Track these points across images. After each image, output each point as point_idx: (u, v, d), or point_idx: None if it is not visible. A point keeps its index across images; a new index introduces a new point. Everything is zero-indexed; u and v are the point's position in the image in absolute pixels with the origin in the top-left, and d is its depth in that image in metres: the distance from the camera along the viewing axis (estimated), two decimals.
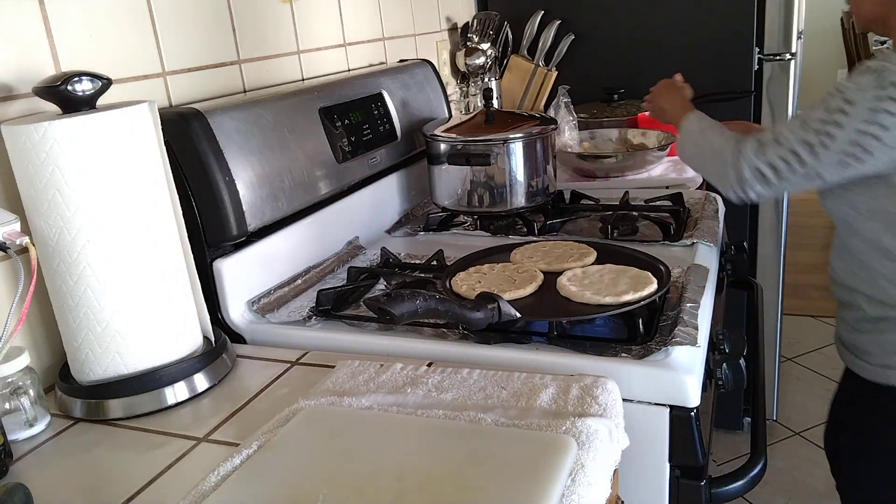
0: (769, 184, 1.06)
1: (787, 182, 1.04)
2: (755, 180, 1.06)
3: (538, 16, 2.12)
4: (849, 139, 0.97)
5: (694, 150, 1.21)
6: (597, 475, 0.64)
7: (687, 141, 1.23)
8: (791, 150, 1.02)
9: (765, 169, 1.05)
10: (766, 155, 1.04)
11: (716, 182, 1.14)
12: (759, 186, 1.07)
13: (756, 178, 1.06)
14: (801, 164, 1.01)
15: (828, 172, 1.01)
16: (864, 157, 0.97)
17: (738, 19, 1.96)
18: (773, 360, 2.32)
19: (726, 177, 1.10)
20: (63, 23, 0.91)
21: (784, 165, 1.03)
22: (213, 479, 0.65)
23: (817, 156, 0.99)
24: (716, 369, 0.98)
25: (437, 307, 0.86)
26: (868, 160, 0.97)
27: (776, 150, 1.03)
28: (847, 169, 0.99)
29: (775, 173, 1.04)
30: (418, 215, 1.52)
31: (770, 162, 1.04)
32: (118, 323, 0.81)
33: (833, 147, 0.98)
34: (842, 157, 0.98)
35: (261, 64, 1.29)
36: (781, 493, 2.06)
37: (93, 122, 0.77)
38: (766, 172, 1.05)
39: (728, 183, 1.10)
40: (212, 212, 1.00)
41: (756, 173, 1.06)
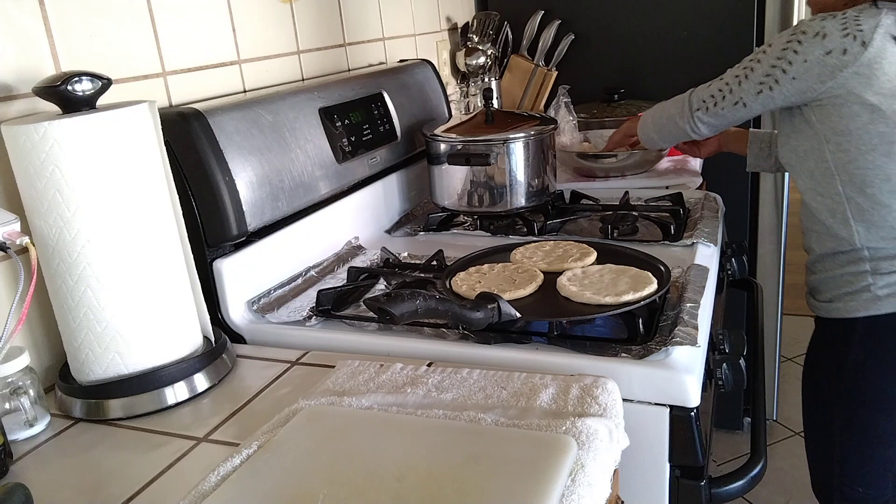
0: (709, 111, 1.33)
1: (721, 108, 1.31)
2: (700, 108, 1.34)
3: (538, 16, 2.12)
4: (763, 71, 1.23)
5: (655, 118, 1.45)
6: (597, 475, 0.64)
7: (647, 121, 1.47)
8: (726, 82, 1.30)
9: (707, 98, 1.33)
10: (709, 88, 1.33)
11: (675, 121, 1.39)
12: (701, 113, 1.34)
13: (700, 106, 1.34)
14: (730, 93, 1.29)
15: (748, 99, 1.27)
16: (774, 86, 1.23)
17: (738, 19, 1.96)
18: (773, 360, 2.32)
19: (682, 113, 1.37)
20: (63, 23, 0.91)
21: (719, 94, 1.31)
22: (213, 479, 0.65)
23: (741, 85, 1.27)
24: (716, 369, 0.98)
25: (437, 307, 0.86)
26: (777, 88, 1.23)
27: (717, 83, 1.32)
28: (761, 95, 1.25)
29: (713, 101, 1.32)
30: (418, 215, 1.52)
31: (711, 93, 1.32)
32: (118, 323, 0.81)
33: (752, 78, 1.25)
34: (758, 86, 1.24)
35: (261, 64, 1.29)
36: (781, 493, 2.06)
37: (93, 122, 0.77)
38: (707, 101, 1.33)
39: (683, 116, 1.37)
40: (212, 212, 1.00)
41: (701, 102, 1.34)
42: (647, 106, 1.90)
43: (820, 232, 1.30)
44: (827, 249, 1.30)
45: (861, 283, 1.26)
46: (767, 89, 1.23)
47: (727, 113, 1.31)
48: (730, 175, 1.96)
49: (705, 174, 1.73)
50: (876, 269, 1.24)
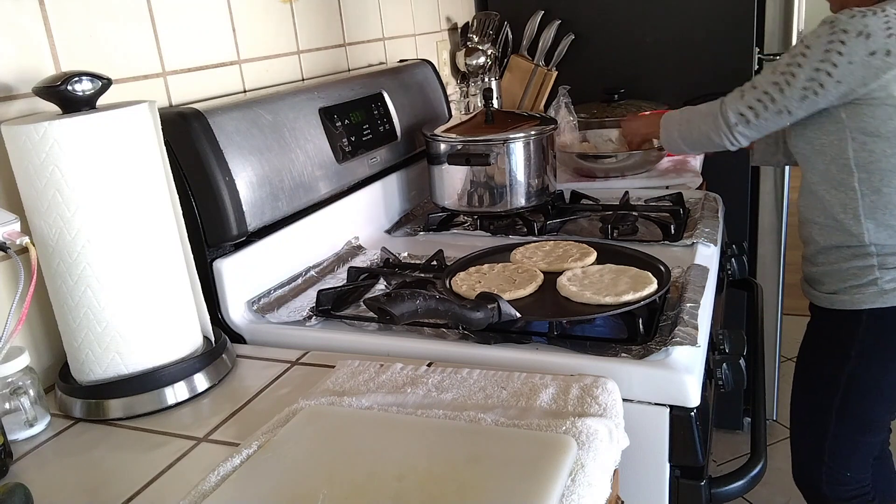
0: (749, 123, 1.27)
1: (763, 119, 1.26)
2: (739, 122, 1.28)
3: (538, 16, 2.12)
4: (807, 76, 1.18)
5: (682, 128, 1.40)
6: (597, 475, 0.64)
7: (672, 127, 1.42)
8: (764, 91, 1.24)
9: (745, 111, 1.26)
10: (745, 99, 1.27)
11: (709, 136, 1.33)
12: (741, 127, 1.28)
13: (739, 120, 1.28)
14: (772, 102, 1.23)
15: (793, 106, 1.22)
16: (819, 91, 1.18)
17: (738, 19, 1.96)
18: (773, 360, 2.33)
19: (718, 127, 1.31)
20: (63, 23, 0.91)
21: (760, 105, 1.24)
22: (213, 479, 0.65)
23: (783, 93, 1.21)
24: (716, 369, 0.98)
25: (437, 307, 0.86)
26: (822, 93, 1.18)
27: (752, 93, 1.26)
28: (806, 101, 1.20)
29: (753, 113, 1.26)
30: (418, 215, 1.52)
31: (749, 104, 1.26)
32: (118, 323, 0.81)
33: (795, 84, 1.20)
34: (802, 92, 1.20)
35: (261, 64, 1.29)
36: (781, 493, 2.06)
37: (93, 122, 0.77)
38: (746, 114, 1.26)
39: (720, 131, 1.31)
40: (212, 212, 1.00)
41: (739, 116, 1.27)
42: (647, 106, 1.90)
43: (826, 225, 1.31)
44: (832, 242, 1.31)
45: (868, 276, 1.28)
46: (812, 94, 1.19)
47: (769, 123, 1.26)
48: (730, 175, 1.97)
49: (705, 174, 1.73)
50: (883, 264, 1.26)
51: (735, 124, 1.28)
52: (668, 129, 1.43)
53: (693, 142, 1.39)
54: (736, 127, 1.28)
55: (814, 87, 1.18)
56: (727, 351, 1.05)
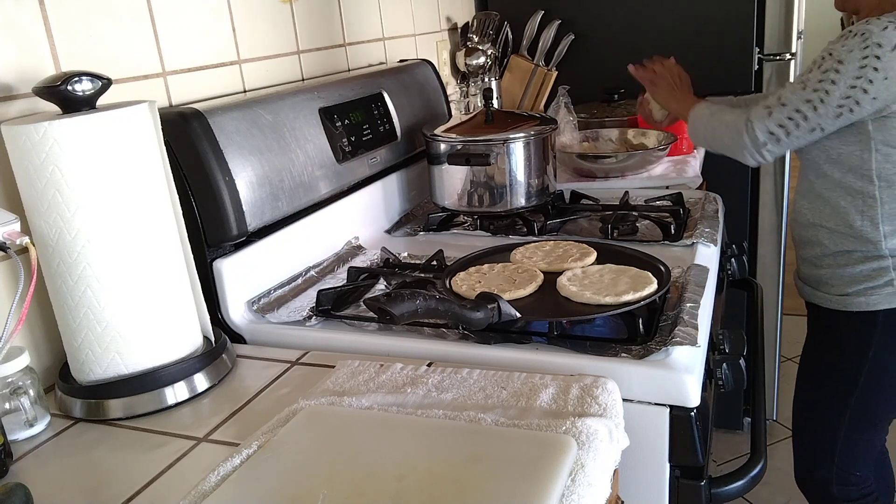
0: (780, 142, 1.24)
1: (795, 137, 1.22)
2: (768, 141, 1.24)
3: (538, 16, 2.12)
4: (842, 94, 1.15)
5: (707, 132, 1.37)
6: (597, 475, 0.64)
7: (699, 125, 1.39)
8: (796, 109, 1.20)
9: (775, 129, 1.23)
10: (774, 118, 1.22)
11: (732, 151, 1.31)
12: (771, 146, 1.24)
13: (769, 139, 1.24)
14: (805, 120, 1.20)
15: (827, 124, 1.19)
16: (855, 108, 1.16)
17: (738, 19, 1.96)
18: (773, 360, 2.33)
19: (744, 146, 1.27)
20: (63, 23, 0.91)
21: (791, 123, 1.21)
22: (213, 479, 0.65)
23: (817, 111, 1.18)
24: (716, 369, 0.98)
25: (437, 307, 0.86)
26: (857, 110, 1.16)
27: (782, 111, 1.22)
28: (841, 118, 1.18)
29: (784, 131, 1.22)
30: (418, 215, 1.52)
31: (779, 122, 1.22)
32: (118, 323, 0.81)
33: (829, 102, 1.17)
34: (837, 110, 1.17)
35: (261, 64, 1.29)
36: (781, 493, 2.06)
37: (93, 122, 0.77)
38: (776, 132, 1.23)
39: (745, 150, 1.27)
40: (212, 212, 1.00)
41: (769, 135, 1.24)
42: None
43: (837, 230, 1.31)
44: (844, 247, 1.31)
45: (884, 278, 1.29)
46: (848, 112, 1.17)
47: (801, 140, 1.24)
48: (730, 175, 1.97)
49: (705, 174, 1.73)
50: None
51: (764, 143, 1.24)
52: (695, 126, 1.40)
53: (716, 149, 1.37)
54: (765, 146, 1.25)
55: (849, 104, 1.16)
56: (727, 351, 1.05)
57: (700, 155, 1.82)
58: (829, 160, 1.27)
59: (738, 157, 1.31)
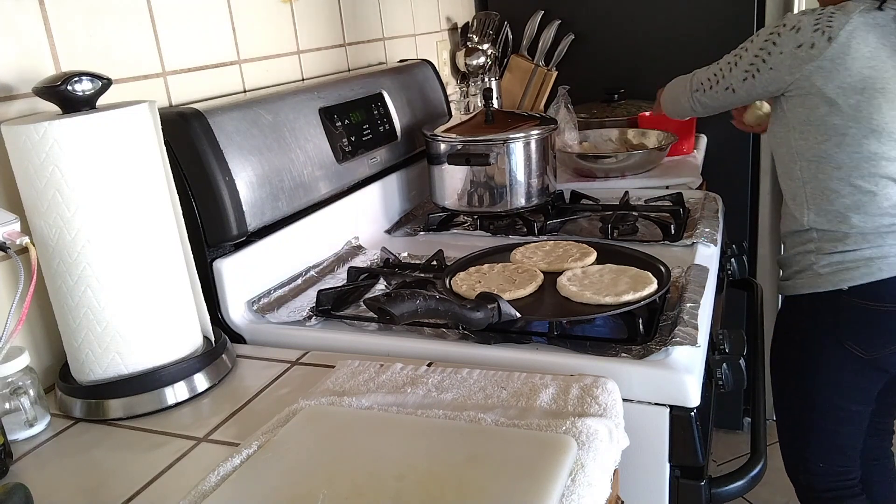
0: (705, 93, 1.43)
1: (714, 92, 1.42)
2: (698, 90, 1.45)
3: (538, 16, 2.12)
4: (749, 60, 1.33)
5: (666, 92, 1.57)
6: (597, 475, 0.64)
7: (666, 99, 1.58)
8: (720, 67, 1.40)
9: (704, 81, 1.44)
10: (707, 71, 1.44)
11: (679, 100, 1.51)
12: (699, 94, 1.45)
13: (699, 87, 1.44)
14: (723, 78, 1.39)
15: (736, 85, 1.37)
16: (756, 74, 1.32)
17: (738, 19, 1.96)
18: None
19: (685, 92, 1.48)
20: (63, 23, 0.91)
21: (714, 78, 1.41)
22: (213, 479, 0.65)
23: (731, 71, 1.37)
24: (716, 369, 0.98)
25: (437, 307, 0.86)
26: (758, 77, 1.32)
27: (714, 67, 1.42)
28: (747, 82, 1.34)
29: (709, 83, 1.42)
30: (418, 215, 1.52)
31: (708, 76, 1.43)
32: (118, 323, 0.81)
33: (740, 65, 1.35)
34: (744, 74, 1.34)
35: (261, 64, 1.29)
36: (781, 493, 2.06)
37: (93, 122, 0.77)
38: (704, 84, 1.44)
39: (686, 96, 1.48)
40: (212, 212, 1.00)
41: (699, 84, 1.45)
42: (647, 106, 1.90)
43: (785, 213, 1.42)
44: (788, 229, 1.41)
45: (806, 261, 1.35)
46: (751, 77, 1.33)
47: (719, 97, 1.41)
48: (730, 175, 1.97)
49: (705, 174, 1.73)
50: (820, 249, 1.33)
51: (696, 90, 1.45)
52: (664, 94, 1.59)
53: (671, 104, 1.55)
54: (696, 93, 1.45)
55: (752, 70, 1.32)
56: (727, 351, 1.05)
57: (700, 155, 1.82)
58: (776, 145, 1.38)
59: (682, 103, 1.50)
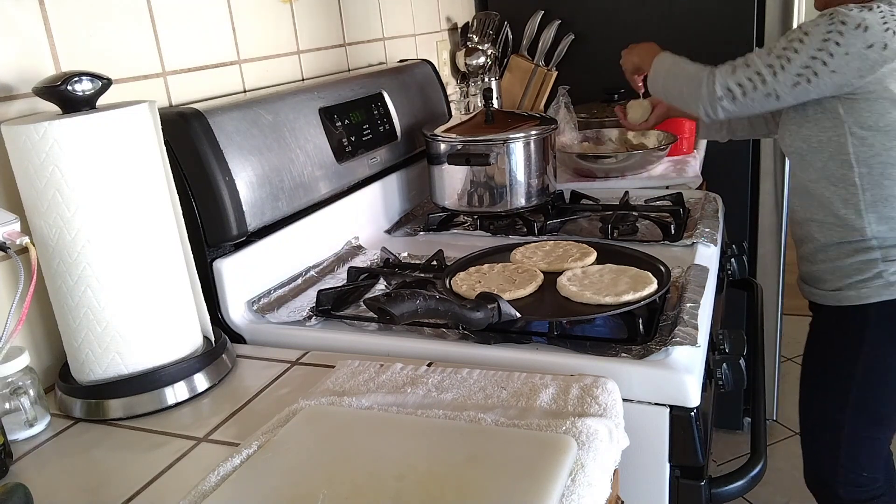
0: (735, 100, 1.25)
1: (750, 99, 1.23)
2: (725, 97, 1.25)
3: (538, 16, 2.12)
4: (802, 63, 1.17)
5: (667, 80, 1.37)
6: (597, 475, 0.64)
7: (659, 73, 1.39)
8: (756, 71, 1.22)
9: (734, 87, 1.24)
10: (735, 75, 1.24)
11: (687, 102, 1.32)
12: (726, 102, 1.25)
13: (726, 95, 1.25)
14: (763, 83, 1.21)
15: (783, 91, 1.21)
16: (813, 79, 1.18)
17: (738, 19, 1.96)
18: (773, 360, 2.33)
19: (699, 97, 1.28)
20: (63, 23, 0.91)
21: (749, 84, 1.22)
22: (213, 479, 0.65)
23: (776, 76, 1.20)
24: (716, 369, 0.98)
25: (437, 307, 0.86)
26: (815, 81, 1.18)
27: (745, 71, 1.23)
28: (798, 87, 1.20)
29: (741, 90, 1.23)
30: (418, 215, 1.52)
31: (739, 81, 1.23)
32: (118, 323, 0.81)
33: (789, 69, 1.18)
34: (796, 78, 1.19)
35: (261, 64, 1.29)
36: (781, 493, 2.06)
37: (93, 122, 0.77)
38: (734, 90, 1.24)
39: (700, 101, 1.28)
40: (212, 212, 1.00)
41: (726, 91, 1.25)
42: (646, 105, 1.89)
43: (825, 222, 1.31)
44: (833, 239, 1.31)
45: (872, 270, 1.28)
46: (805, 81, 1.19)
47: (755, 104, 1.24)
48: (730, 175, 1.97)
49: (705, 174, 1.73)
50: (887, 257, 1.27)
51: (720, 98, 1.25)
52: (656, 73, 1.41)
53: (673, 98, 1.38)
54: (721, 101, 1.26)
55: (808, 74, 1.18)
56: (727, 351, 1.05)
57: (700, 155, 1.82)
58: (810, 149, 1.28)
59: (691, 107, 1.31)
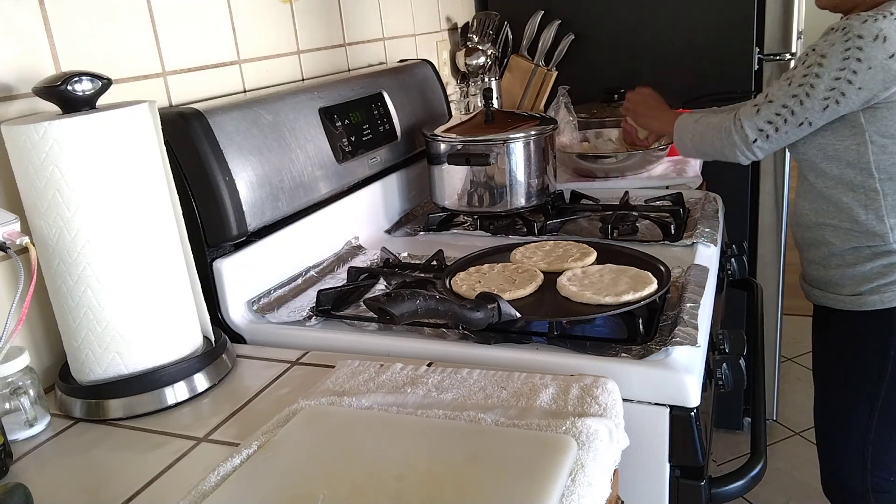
0: (769, 138, 1.25)
1: (784, 133, 1.24)
2: (758, 138, 1.26)
3: (538, 16, 2.12)
4: (827, 86, 1.17)
5: (695, 140, 1.37)
6: (597, 475, 0.64)
7: (685, 135, 1.40)
8: (783, 104, 1.22)
9: (764, 125, 1.24)
10: (762, 114, 1.24)
11: (723, 153, 1.32)
12: (760, 142, 1.26)
13: (758, 135, 1.25)
14: (792, 115, 1.21)
15: (814, 117, 1.21)
16: (841, 100, 1.18)
17: (738, 19, 1.96)
18: (773, 360, 2.33)
19: (733, 144, 1.28)
20: (63, 23, 0.91)
21: (779, 119, 1.23)
22: (213, 479, 0.65)
23: (803, 105, 1.20)
24: (716, 369, 0.98)
25: (437, 307, 0.86)
26: (844, 101, 1.18)
27: (770, 107, 1.24)
28: (828, 110, 1.19)
29: (773, 127, 1.24)
30: (418, 215, 1.52)
31: (768, 119, 1.24)
32: (118, 323, 0.81)
33: (815, 95, 1.19)
34: (823, 102, 1.19)
35: (261, 64, 1.29)
36: (781, 493, 2.06)
37: (93, 122, 0.77)
38: (765, 129, 1.24)
39: (736, 148, 1.29)
40: (212, 212, 1.00)
41: (758, 132, 1.25)
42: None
43: (841, 226, 1.30)
44: (851, 244, 1.30)
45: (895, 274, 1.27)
46: (834, 103, 1.18)
47: (790, 136, 1.25)
48: (730, 175, 1.96)
49: (705, 174, 1.73)
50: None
51: (754, 140, 1.26)
52: (681, 135, 1.41)
53: (706, 154, 1.39)
54: (755, 143, 1.26)
55: (835, 96, 1.17)
56: (727, 351, 1.05)
57: None
58: (826, 158, 1.27)
59: (728, 157, 1.31)
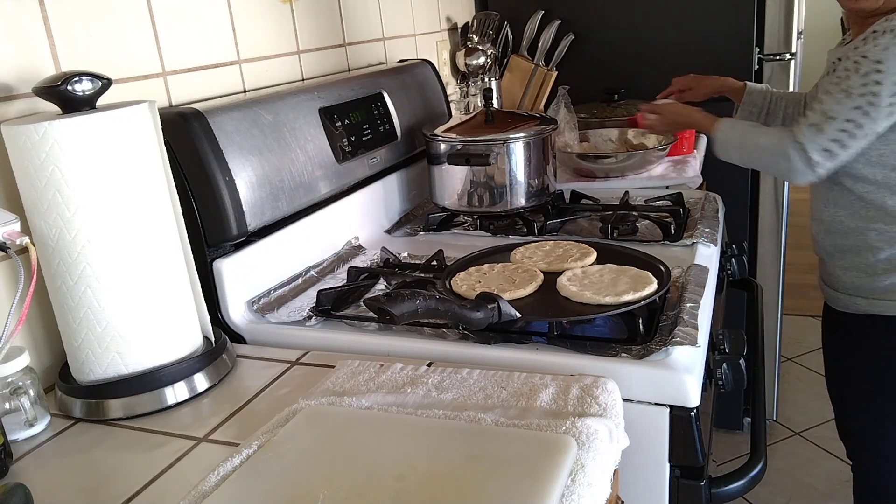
0: (836, 156, 1.17)
1: (851, 148, 1.16)
2: (823, 159, 1.18)
3: (538, 16, 2.12)
4: (890, 91, 1.10)
5: (742, 153, 1.31)
6: (597, 475, 0.64)
7: (729, 148, 1.34)
8: (846, 119, 1.14)
9: (830, 145, 1.16)
10: (824, 133, 1.16)
11: (776, 173, 1.28)
12: (826, 163, 1.18)
13: (824, 156, 1.17)
14: (859, 128, 1.14)
15: (881, 126, 1.14)
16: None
17: (738, 19, 1.96)
18: (773, 360, 2.33)
19: (794, 169, 1.21)
20: (63, 23, 0.91)
21: (845, 135, 1.15)
22: (213, 479, 0.65)
23: (869, 115, 1.13)
24: (716, 369, 0.98)
25: (437, 307, 0.86)
26: None
27: (832, 125, 1.15)
28: (892, 117, 1.13)
29: (839, 145, 1.16)
30: (418, 215, 1.52)
31: (833, 137, 1.16)
32: (118, 323, 0.81)
33: (880, 103, 1.12)
34: (889, 109, 1.12)
35: (261, 64, 1.29)
36: (781, 493, 2.06)
37: (93, 122, 0.77)
38: (831, 147, 1.16)
39: (795, 173, 1.21)
40: (212, 212, 1.00)
41: (823, 153, 1.17)
42: None
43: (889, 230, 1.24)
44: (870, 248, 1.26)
45: None
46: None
47: (857, 149, 1.18)
48: (730, 175, 1.96)
49: (705, 174, 1.73)
50: None
51: (818, 162, 1.18)
52: (723, 145, 1.35)
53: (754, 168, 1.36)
54: (819, 165, 1.19)
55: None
56: (727, 351, 1.05)
57: (700, 155, 1.82)
58: (868, 163, 1.21)
59: (789, 178, 1.25)
